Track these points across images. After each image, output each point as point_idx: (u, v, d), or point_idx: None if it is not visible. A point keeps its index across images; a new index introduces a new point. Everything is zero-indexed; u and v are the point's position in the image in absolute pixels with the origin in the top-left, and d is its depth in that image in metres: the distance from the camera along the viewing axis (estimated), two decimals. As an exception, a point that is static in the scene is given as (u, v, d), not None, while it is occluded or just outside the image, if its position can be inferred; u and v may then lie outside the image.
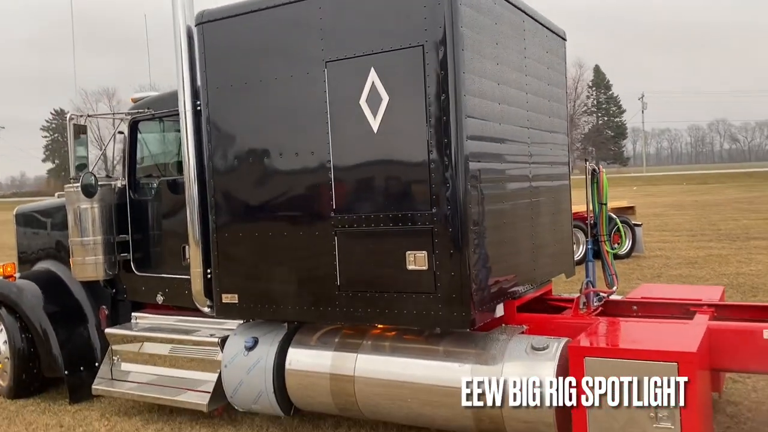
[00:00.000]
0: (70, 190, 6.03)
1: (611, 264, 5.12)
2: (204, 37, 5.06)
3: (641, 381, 3.68)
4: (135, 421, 5.73)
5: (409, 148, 4.31)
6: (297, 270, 4.81)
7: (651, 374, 3.67)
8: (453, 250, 4.18)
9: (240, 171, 4.99)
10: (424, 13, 4.15)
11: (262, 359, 5.07)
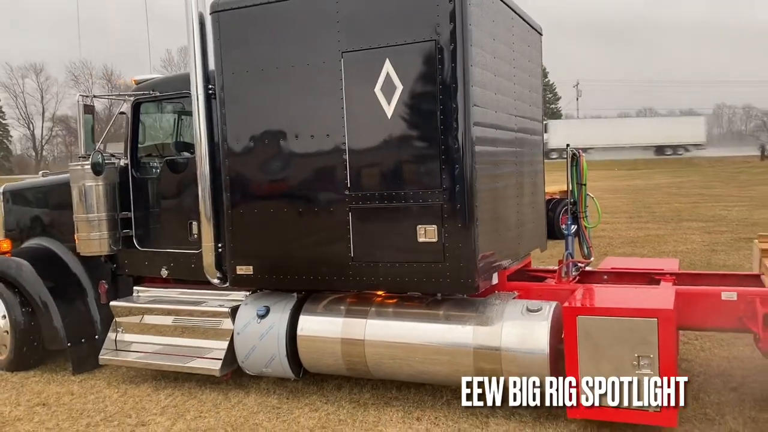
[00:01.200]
0: (76, 168, 6.25)
1: (588, 238, 5.76)
2: (220, 24, 5.37)
3: (624, 336, 4.30)
4: (145, 388, 6.05)
5: (421, 133, 4.80)
6: (311, 243, 5.24)
7: (634, 329, 4.30)
8: (461, 224, 4.71)
9: (255, 152, 5.37)
10: (437, 11, 4.63)
11: (274, 326, 5.49)
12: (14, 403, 5.81)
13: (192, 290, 6.33)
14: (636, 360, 4.29)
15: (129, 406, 5.64)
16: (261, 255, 5.44)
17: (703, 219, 18.24)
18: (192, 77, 5.58)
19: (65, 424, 5.30)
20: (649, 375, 4.27)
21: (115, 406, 5.63)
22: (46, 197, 7.35)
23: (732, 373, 5.81)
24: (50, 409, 5.62)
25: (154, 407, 5.58)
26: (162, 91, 6.18)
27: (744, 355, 6.29)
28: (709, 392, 5.30)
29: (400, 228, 4.91)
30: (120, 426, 5.21)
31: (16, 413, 5.57)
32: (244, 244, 5.47)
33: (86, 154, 6.04)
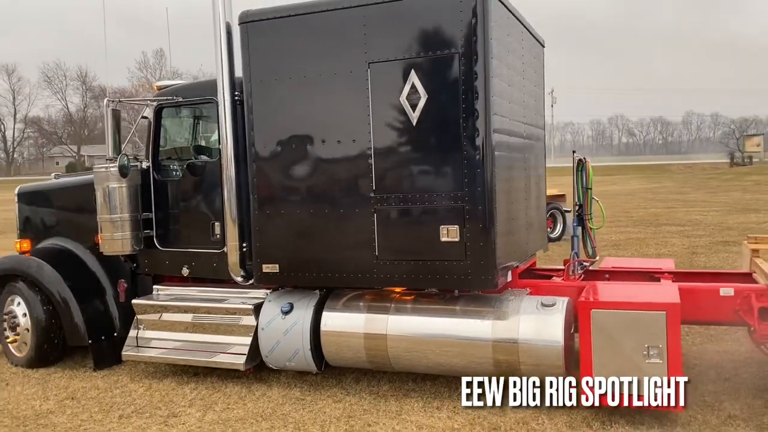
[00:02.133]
0: (100, 170, 6.46)
1: (593, 238, 6.14)
2: (248, 35, 5.65)
3: (635, 327, 4.67)
4: (168, 382, 6.27)
5: (444, 139, 5.12)
6: (337, 242, 5.53)
7: (644, 321, 4.67)
8: (482, 225, 5.04)
9: (282, 156, 5.65)
10: (460, 26, 4.97)
11: (299, 322, 5.77)
12: (43, 398, 6.00)
13: (211, 288, 6.57)
14: (646, 350, 4.66)
15: (157, 399, 5.86)
16: (287, 254, 5.71)
17: (681, 223, 18.87)
18: (219, 84, 5.84)
19: (98, 416, 5.51)
20: (657, 364, 4.64)
21: (143, 400, 5.85)
22: (64, 198, 7.52)
23: (724, 365, 6.22)
24: (80, 403, 5.82)
25: (182, 400, 5.81)
26: (185, 97, 6.42)
27: (733, 349, 6.72)
28: (705, 382, 5.69)
29: (423, 228, 5.24)
30: (152, 417, 5.44)
31: (47, 406, 5.76)
32: (271, 243, 5.74)
33: (113, 157, 6.25)
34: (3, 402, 5.91)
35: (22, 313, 6.87)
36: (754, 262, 5.92)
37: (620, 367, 4.73)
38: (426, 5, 5.11)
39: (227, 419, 5.33)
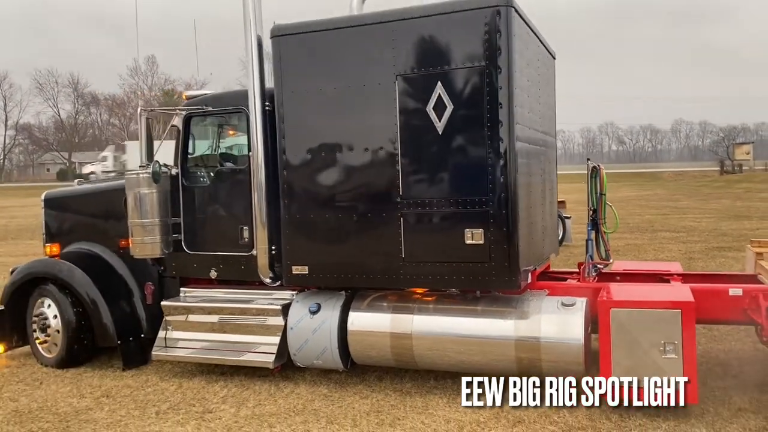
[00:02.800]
0: (132, 177, 6.69)
1: (607, 242, 6.44)
2: (280, 48, 5.93)
3: (653, 325, 4.97)
4: (197, 381, 6.50)
5: (470, 147, 5.42)
6: (365, 245, 5.81)
7: (661, 319, 4.97)
8: (506, 228, 5.33)
9: (312, 163, 5.92)
10: (485, 40, 5.26)
11: (326, 321, 6.02)
12: (78, 396, 6.21)
13: (236, 290, 6.81)
14: (662, 346, 4.95)
15: (189, 396, 6.09)
16: (316, 256, 5.98)
17: (675, 230, 19.26)
18: (250, 95, 6.11)
19: (135, 412, 5.74)
20: (673, 359, 4.93)
21: (176, 397, 6.08)
22: (91, 204, 7.74)
23: (730, 363, 6.53)
24: (115, 400, 6.05)
25: (213, 397, 6.04)
26: (214, 107, 6.67)
27: (737, 348, 7.04)
28: (714, 379, 5.99)
29: (448, 231, 5.52)
30: (188, 413, 5.67)
31: (85, 404, 5.98)
32: (300, 246, 6.01)
33: (146, 164, 6.50)
34: (41, 400, 6.12)
35: (53, 315, 7.08)
36: (759, 264, 6.24)
37: (638, 362, 5.03)
38: (452, 21, 5.40)
39: (261, 414, 5.57)
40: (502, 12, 5.23)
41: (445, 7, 5.43)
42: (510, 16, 5.25)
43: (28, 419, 5.66)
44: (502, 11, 5.23)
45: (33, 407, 5.94)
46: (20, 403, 6.07)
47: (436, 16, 5.46)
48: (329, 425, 5.29)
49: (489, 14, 5.24)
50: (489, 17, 5.25)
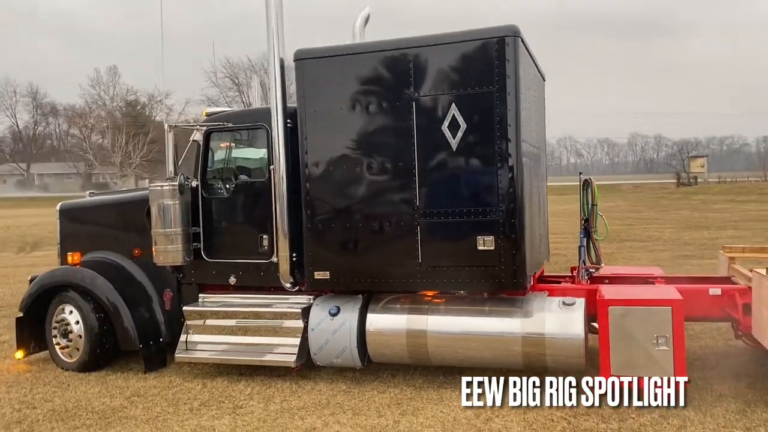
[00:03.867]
0: (155, 188, 7.10)
1: (598, 248, 7.07)
2: (303, 70, 6.44)
3: (646, 320, 5.60)
4: (220, 381, 6.90)
5: (481, 161, 6.00)
6: (384, 252, 6.33)
7: (653, 316, 5.60)
8: (514, 235, 5.92)
9: (333, 176, 6.43)
10: (497, 67, 5.86)
11: (346, 322, 6.52)
12: (109, 396, 6.56)
13: (254, 295, 7.25)
14: (655, 339, 5.58)
15: (217, 394, 6.50)
16: (337, 262, 6.48)
17: (641, 239, 20.23)
18: (273, 113, 6.59)
19: (170, 409, 6.13)
20: (665, 351, 5.56)
21: (204, 395, 6.48)
22: (108, 214, 8.09)
23: (707, 358, 7.23)
24: (146, 399, 6.42)
25: (240, 395, 6.46)
26: (235, 123, 7.13)
27: (712, 345, 7.77)
28: (694, 371, 6.63)
29: (462, 238, 6.08)
30: (220, 409, 6.09)
31: (118, 402, 6.34)
32: (322, 253, 6.50)
33: (172, 176, 6.91)
34: (74, 401, 6.44)
35: (75, 321, 7.41)
36: (733, 268, 6.95)
37: (633, 354, 5.65)
38: (465, 49, 6.00)
39: (290, 408, 6.02)
40: (510, 42, 5.85)
41: (459, 36, 6.02)
42: (517, 45, 5.87)
43: (68, 417, 6.00)
44: (510, 41, 5.85)
45: (68, 407, 6.27)
46: (55, 403, 6.39)
47: (451, 44, 6.04)
48: (356, 416, 5.77)
49: (499, 44, 5.85)
50: (499, 46, 5.86)
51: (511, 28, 5.89)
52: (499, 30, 5.89)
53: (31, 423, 5.89)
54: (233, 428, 5.60)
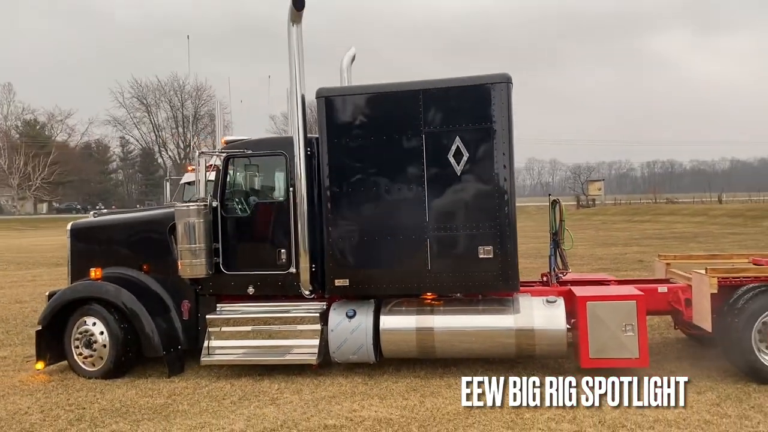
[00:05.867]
0: (182, 208, 7.88)
1: (565, 256, 8.45)
2: (325, 106, 7.48)
3: (617, 312, 6.98)
4: (245, 380, 7.69)
5: (482, 185, 7.23)
6: (397, 262, 7.43)
7: (621, 308, 6.99)
8: (509, 245, 7.18)
9: (352, 198, 7.48)
10: (493, 106, 7.14)
11: (362, 324, 7.54)
12: (147, 396, 7.21)
13: (269, 303, 8.10)
14: (624, 327, 6.96)
15: (248, 391, 7.30)
16: (356, 271, 7.51)
17: (560, 255, 22.17)
18: (295, 141, 7.57)
19: (213, 403, 6.89)
20: (631, 336, 6.95)
21: (237, 392, 7.27)
22: (122, 234, 8.72)
23: (652, 348, 8.72)
24: (186, 397, 7.14)
25: (269, 390, 7.30)
26: (255, 150, 8.04)
27: (655, 339, 9.29)
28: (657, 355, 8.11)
29: (465, 248, 7.27)
30: (260, 401, 6.91)
31: (162, 401, 7.02)
32: (342, 263, 7.52)
33: (203, 198, 7.73)
34: (118, 401, 7.04)
35: (99, 332, 7.99)
36: (671, 271, 8.53)
37: (606, 340, 7.01)
38: (468, 91, 7.26)
39: (322, 397, 6.94)
40: (504, 88, 7.16)
41: (462, 81, 7.29)
42: (509, 89, 7.18)
43: (124, 413, 6.64)
44: (504, 87, 7.16)
45: (117, 406, 6.90)
46: (101, 404, 6.98)
47: (456, 87, 7.29)
48: (384, 400, 6.77)
49: (496, 88, 7.15)
50: (495, 90, 7.15)
51: (504, 76, 7.21)
52: (494, 77, 7.20)
53: (90, 420, 6.49)
54: (282, 414, 6.46)
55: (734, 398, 6.46)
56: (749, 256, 8.66)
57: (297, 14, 7.42)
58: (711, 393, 6.62)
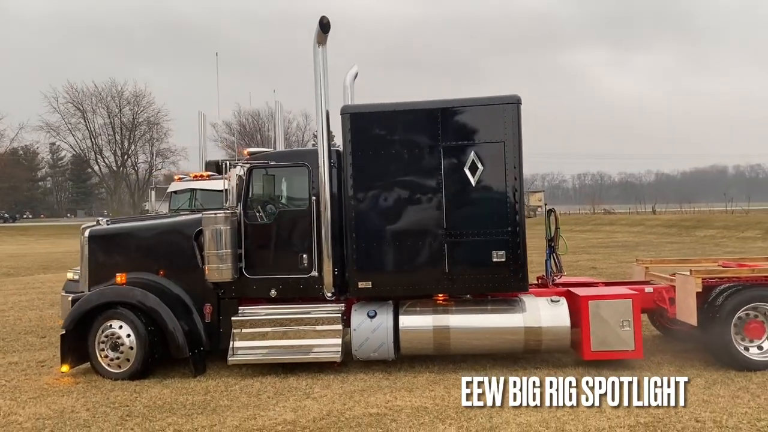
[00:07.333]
0: (210, 215, 8.32)
1: (559, 261, 9.27)
2: (350, 121, 8.08)
3: (615, 309, 7.82)
4: (271, 379, 8.13)
5: (495, 194, 7.98)
6: (417, 264, 8.07)
7: (619, 306, 7.84)
8: (520, 250, 7.93)
9: (375, 205, 8.10)
10: (504, 124, 7.91)
11: (383, 323, 8.14)
12: (184, 394, 7.58)
13: (290, 306, 8.60)
14: (621, 323, 7.81)
15: (279, 387, 7.77)
16: (378, 273, 8.12)
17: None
18: (320, 153, 8.13)
19: (252, 398, 7.34)
20: (628, 330, 7.80)
21: (269, 389, 7.71)
22: (143, 240, 9.05)
23: (657, 343, 9.64)
24: (222, 394, 7.55)
25: (300, 385, 7.77)
26: (277, 162, 8.55)
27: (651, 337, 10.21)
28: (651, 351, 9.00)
29: (480, 252, 7.99)
30: (295, 395, 7.40)
31: (200, 398, 7.41)
32: (366, 267, 8.11)
33: (232, 206, 8.20)
34: (158, 399, 7.38)
35: (126, 335, 8.31)
36: (651, 273, 9.48)
37: (606, 334, 7.84)
38: (481, 110, 8.02)
39: (353, 391, 7.48)
40: (514, 107, 7.94)
41: (477, 101, 8.05)
42: (519, 108, 7.97)
43: (172, 409, 7.01)
44: (515, 107, 7.95)
45: (160, 403, 7.25)
46: (144, 402, 7.31)
47: (470, 107, 8.04)
48: (411, 392, 7.38)
49: (507, 107, 7.93)
50: (507, 109, 7.92)
51: (514, 97, 8.00)
52: (506, 98, 7.98)
53: (141, 416, 6.84)
54: (322, 406, 6.97)
55: (721, 383, 7.38)
56: (717, 260, 9.70)
57: (323, 36, 8.00)
58: (700, 379, 7.51)
